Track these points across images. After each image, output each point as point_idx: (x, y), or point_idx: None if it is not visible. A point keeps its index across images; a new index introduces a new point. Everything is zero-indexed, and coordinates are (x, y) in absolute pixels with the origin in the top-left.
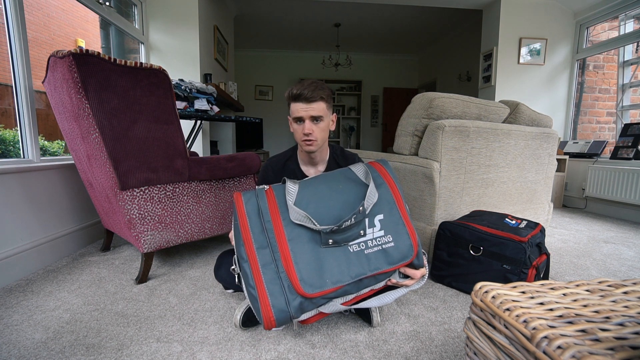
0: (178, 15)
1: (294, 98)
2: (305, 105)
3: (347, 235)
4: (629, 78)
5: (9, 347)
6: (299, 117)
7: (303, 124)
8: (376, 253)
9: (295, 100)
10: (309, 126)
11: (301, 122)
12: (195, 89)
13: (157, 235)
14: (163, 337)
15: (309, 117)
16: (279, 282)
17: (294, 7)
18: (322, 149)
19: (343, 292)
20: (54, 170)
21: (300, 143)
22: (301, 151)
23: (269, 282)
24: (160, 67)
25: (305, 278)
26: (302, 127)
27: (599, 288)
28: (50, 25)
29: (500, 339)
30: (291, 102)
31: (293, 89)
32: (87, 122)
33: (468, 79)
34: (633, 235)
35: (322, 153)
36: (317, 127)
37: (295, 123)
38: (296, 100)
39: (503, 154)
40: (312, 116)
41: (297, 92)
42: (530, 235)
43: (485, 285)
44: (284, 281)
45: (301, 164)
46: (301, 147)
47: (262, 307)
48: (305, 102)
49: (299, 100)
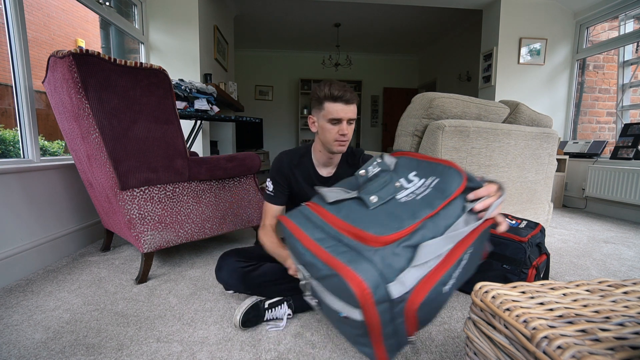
0: (178, 15)
1: (333, 99)
2: (345, 107)
3: (383, 184)
4: (629, 78)
5: (9, 347)
6: (338, 118)
7: (340, 125)
8: (429, 193)
9: (335, 100)
10: (346, 126)
11: (338, 123)
12: (195, 89)
13: (157, 235)
14: (163, 337)
15: (348, 118)
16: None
17: (294, 7)
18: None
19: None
20: (54, 170)
21: (332, 144)
22: (319, 151)
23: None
24: (160, 67)
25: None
26: (338, 127)
27: (599, 288)
28: (50, 25)
29: (500, 339)
30: (328, 102)
31: (332, 90)
32: (87, 122)
33: (468, 79)
34: (633, 235)
35: (340, 154)
36: (350, 129)
37: (330, 123)
38: (336, 100)
39: (503, 154)
40: (350, 118)
41: (339, 93)
42: (530, 235)
43: (485, 285)
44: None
45: (316, 164)
46: (330, 148)
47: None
48: (346, 104)
49: (340, 101)
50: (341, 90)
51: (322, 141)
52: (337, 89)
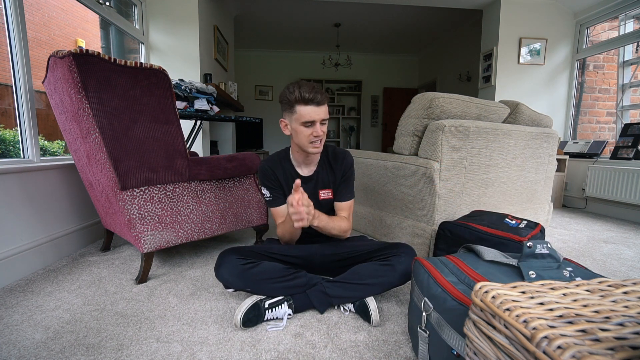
0: (178, 15)
1: (305, 101)
2: (317, 109)
3: (546, 267)
4: (629, 78)
5: (9, 347)
6: (311, 120)
7: (313, 127)
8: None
9: (307, 103)
10: (320, 128)
11: (311, 126)
12: (195, 89)
13: (157, 235)
14: (163, 337)
15: (320, 119)
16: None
17: (294, 7)
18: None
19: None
20: (54, 170)
21: (307, 145)
22: (296, 152)
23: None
24: (160, 67)
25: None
26: (312, 130)
27: (599, 288)
28: (50, 25)
29: (500, 339)
30: (299, 105)
31: (303, 92)
32: (87, 122)
33: (468, 79)
34: (633, 235)
35: (318, 154)
36: (323, 129)
37: (304, 126)
38: (308, 103)
39: (503, 154)
40: (323, 119)
41: (310, 96)
42: (530, 235)
43: (485, 285)
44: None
45: (295, 165)
46: (305, 149)
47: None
48: (317, 106)
49: (311, 103)
50: (312, 92)
51: (297, 143)
52: (308, 91)
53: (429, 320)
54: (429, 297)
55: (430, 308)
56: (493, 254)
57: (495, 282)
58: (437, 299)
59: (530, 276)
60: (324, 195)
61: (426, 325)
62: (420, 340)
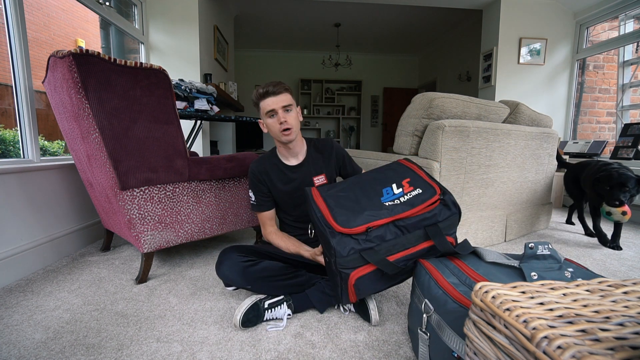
0: (178, 15)
1: (262, 96)
2: (274, 99)
3: (548, 268)
4: (629, 78)
5: (9, 347)
6: (271, 110)
7: (277, 116)
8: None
9: (264, 97)
10: (282, 114)
11: (274, 115)
12: (195, 89)
13: (157, 235)
14: (163, 337)
15: (281, 107)
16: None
17: (294, 7)
18: (298, 140)
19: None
20: (54, 170)
21: (278, 135)
22: (280, 146)
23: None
24: (160, 67)
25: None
26: (276, 119)
27: (599, 288)
28: (50, 25)
29: (500, 339)
30: (260, 101)
31: (259, 89)
32: (87, 122)
33: (468, 79)
34: (633, 235)
35: (299, 143)
36: (289, 116)
37: (269, 118)
38: (264, 97)
39: (503, 154)
40: (283, 106)
41: (263, 90)
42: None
43: (485, 285)
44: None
45: (283, 159)
46: (279, 139)
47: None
48: (273, 96)
49: (267, 96)
50: (267, 87)
51: (273, 136)
52: (264, 87)
53: (430, 322)
54: (429, 298)
55: (431, 310)
56: (494, 256)
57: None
58: (438, 301)
59: (532, 277)
60: (318, 182)
61: (427, 327)
62: (421, 342)
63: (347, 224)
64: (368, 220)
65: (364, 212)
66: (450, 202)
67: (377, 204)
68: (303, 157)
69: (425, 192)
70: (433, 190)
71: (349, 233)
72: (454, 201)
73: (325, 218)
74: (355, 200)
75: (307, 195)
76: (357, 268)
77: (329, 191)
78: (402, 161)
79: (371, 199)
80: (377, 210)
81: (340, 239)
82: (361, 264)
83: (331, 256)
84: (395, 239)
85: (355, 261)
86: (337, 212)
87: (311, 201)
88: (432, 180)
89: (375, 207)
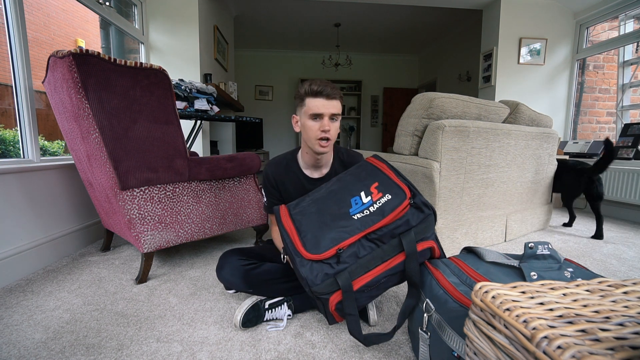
0: (178, 15)
1: (314, 94)
2: (326, 102)
3: (548, 268)
4: (629, 78)
5: (9, 347)
6: (318, 113)
7: (321, 121)
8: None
9: (316, 95)
10: (328, 122)
11: (319, 119)
12: (195, 89)
13: (157, 235)
14: (163, 337)
15: (330, 114)
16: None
17: (294, 7)
18: (329, 153)
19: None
20: (54, 170)
21: (314, 143)
22: (306, 153)
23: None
24: (160, 67)
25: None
26: (319, 123)
27: (599, 288)
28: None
29: (500, 339)
30: (309, 98)
31: (312, 85)
32: (87, 122)
33: (468, 79)
34: (633, 235)
35: (328, 156)
36: (333, 126)
37: (312, 120)
38: (316, 95)
39: (503, 154)
40: (333, 113)
41: (318, 88)
42: None
43: (486, 285)
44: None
45: (304, 168)
46: (313, 147)
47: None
48: (327, 99)
49: (320, 96)
50: (321, 86)
51: (306, 140)
52: (318, 84)
53: (430, 322)
54: (430, 298)
55: (432, 309)
56: (494, 256)
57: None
58: (439, 300)
59: (532, 277)
60: None
61: (427, 326)
62: (421, 342)
63: (317, 248)
64: (338, 240)
65: (332, 230)
66: (422, 204)
67: (346, 216)
68: (327, 170)
69: (395, 198)
70: (403, 195)
71: (319, 259)
72: (425, 202)
73: (294, 244)
74: (325, 213)
75: (276, 216)
76: (336, 292)
77: (297, 207)
78: (371, 159)
79: (340, 210)
80: (346, 226)
81: (311, 266)
82: (338, 287)
83: (305, 285)
84: (370, 253)
85: (330, 286)
86: (305, 234)
87: (279, 223)
88: (402, 181)
89: (344, 221)
